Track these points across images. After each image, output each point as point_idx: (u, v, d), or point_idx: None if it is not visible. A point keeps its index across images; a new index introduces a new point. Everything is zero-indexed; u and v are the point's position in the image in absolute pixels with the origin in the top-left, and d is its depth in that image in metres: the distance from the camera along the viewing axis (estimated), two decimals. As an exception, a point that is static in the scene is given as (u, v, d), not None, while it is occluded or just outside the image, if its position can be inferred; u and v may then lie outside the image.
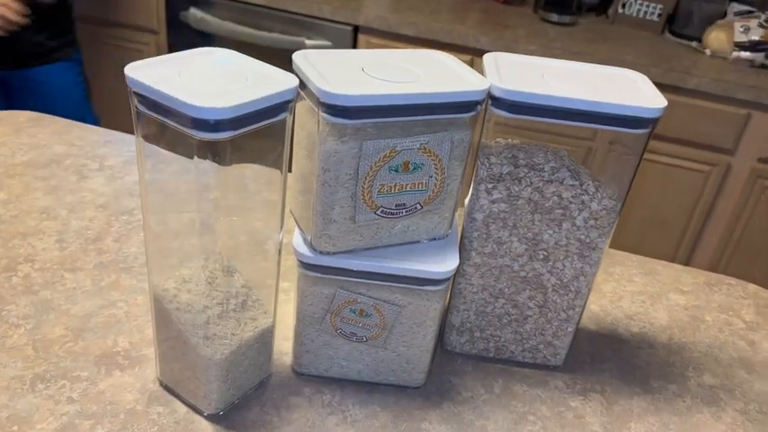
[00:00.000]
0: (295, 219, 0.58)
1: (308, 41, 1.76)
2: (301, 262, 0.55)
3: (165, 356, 0.57)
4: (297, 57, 0.52)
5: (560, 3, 1.84)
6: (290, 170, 0.54)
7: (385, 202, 0.53)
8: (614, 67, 0.60)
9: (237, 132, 0.44)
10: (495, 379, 0.65)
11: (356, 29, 1.77)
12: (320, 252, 0.54)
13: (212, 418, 0.56)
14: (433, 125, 0.51)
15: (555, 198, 0.56)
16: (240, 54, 0.51)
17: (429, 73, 0.53)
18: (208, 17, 1.80)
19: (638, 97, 0.53)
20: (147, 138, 0.48)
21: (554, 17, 1.84)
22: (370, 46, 1.76)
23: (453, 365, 0.66)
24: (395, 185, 0.52)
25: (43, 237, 0.75)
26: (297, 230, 0.57)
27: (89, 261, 0.73)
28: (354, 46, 1.79)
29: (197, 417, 0.56)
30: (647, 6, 1.83)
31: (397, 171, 0.52)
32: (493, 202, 0.57)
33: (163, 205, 0.53)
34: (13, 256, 0.72)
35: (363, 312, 0.57)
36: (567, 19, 1.83)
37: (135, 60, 0.46)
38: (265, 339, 0.58)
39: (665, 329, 0.74)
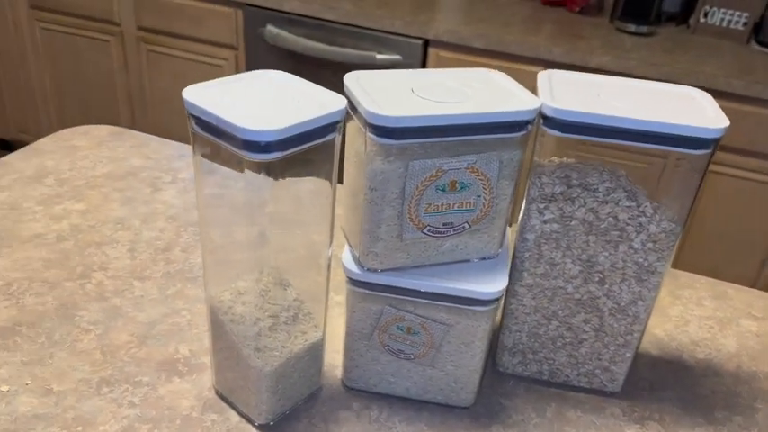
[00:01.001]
0: (345, 234, 0.59)
1: (378, 56, 1.78)
2: (350, 278, 0.56)
3: (220, 366, 0.60)
4: (348, 78, 0.53)
5: (638, 13, 1.79)
6: (340, 183, 0.55)
7: (432, 220, 0.53)
8: (676, 85, 0.58)
9: (286, 153, 0.46)
10: (548, 403, 0.63)
11: (427, 43, 1.77)
12: (367, 269, 0.55)
13: (263, 428, 0.58)
14: (481, 145, 0.51)
15: (610, 219, 0.55)
16: (293, 76, 0.52)
17: (479, 93, 0.53)
18: (283, 33, 1.85)
19: (698, 116, 0.51)
20: (203, 155, 0.50)
21: (631, 27, 1.78)
22: (440, 59, 1.77)
23: (505, 387, 0.65)
24: (442, 204, 0.52)
25: (117, 246, 0.79)
26: (346, 246, 0.58)
27: (157, 270, 0.76)
28: (424, 60, 1.79)
29: (248, 426, 0.58)
30: (732, 15, 1.75)
31: (444, 191, 0.52)
32: (545, 222, 0.56)
33: (220, 220, 0.55)
34: (89, 263, 0.76)
35: (411, 330, 0.57)
36: (644, 29, 1.78)
37: (216, 76, 0.49)
38: (315, 352, 0.59)
39: (734, 357, 0.71)
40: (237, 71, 2.00)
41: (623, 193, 0.54)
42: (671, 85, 0.58)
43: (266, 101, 0.49)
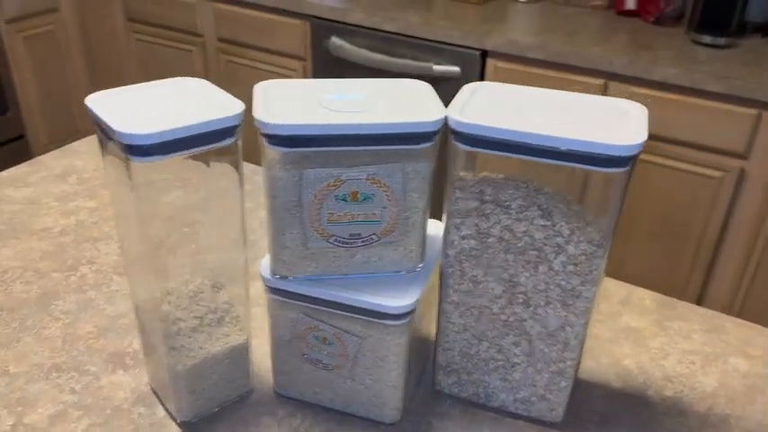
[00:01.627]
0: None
1: (435, 67, 1.77)
2: (266, 285, 0.56)
3: (150, 363, 0.62)
4: (257, 88, 0.53)
5: (716, 23, 1.66)
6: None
7: (337, 230, 0.53)
8: (613, 99, 0.54)
9: (169, 156, 0.47)
10: (480, 427, 0.60)
11: (485, 54, 1.75)
12: (278, 276, 0.55)
13: (184, 426, 0.60)
14: (383, 156, 0.50)
15: (527, 238, 0.52)
16: (208, 83, 0.54)
17: (388, 103, 0.52)
18: (345, 45, 1.89)
19: (614, 133, 0.48)
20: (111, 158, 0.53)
21: (706, 39, 1.66)
22: (497, 71, 1.73)
23: (440, 407, 0.63)
24: (345, 215, 0.52)
25: (110, 242, 0.84)
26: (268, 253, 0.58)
27: (140, 267, 0.80)
28: (483, 71, 1.77)
29: (171, 422, 0.60)
30: (823, 25, 1.60)
31: (345, 201, 0.51)
32: (463, 237, 0.54)
33: (133, 223, 0.57)
34: (79, 257, 0.81)
35: (326, 340, 0.57)
36: (721, 41, 1.65)
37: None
38: (237, 356, 0.60)
39: (709, 397, 0.64)
40: (306, 81, 2.06)
41: (537, 212, 0.51)
42: (608, 98, 0.54)
43: (167, 107, 0.50)
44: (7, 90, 2.32)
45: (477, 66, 1.76)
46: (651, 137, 0.48)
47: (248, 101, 0.51)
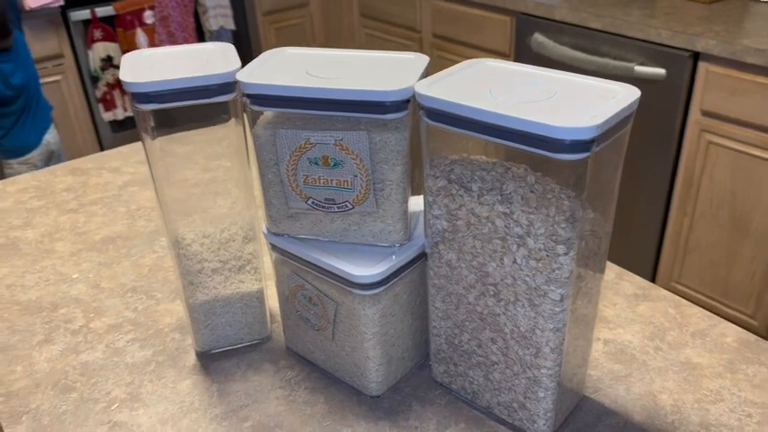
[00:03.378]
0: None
1: (637, 68, 1.63)
2: (266, 240, 0.61)
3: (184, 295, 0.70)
4: (266, 53, 0.57)
5: None
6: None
7: (313, 193, 0.55)
8: (609, 81, 0.47)
9: (165, 105, 0.54)
10: (458, 422, 0.58)
11: (696, 56, 1.56)
12: (270, 231, 0.59)
13: (200, 356, 0.66)
14: (352, 123, 0.51)
15: (490, 225, 0.49)
16: (231, 47, 0.59)
17: (367, 74, 0.52)
18: (547, 41, 1.83)
19: (577, 116, 0.42)
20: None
21: None
22: (709, 75, 1.54)
23: (429, 393, 0.61)
24: (319, 178, 0.54)
25: (227, 197, 0.95)
26: (274, 211, 0.62)
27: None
28: (693, 75, 1.58)
29: (191, 350, 0.67)
30: None
31: (317, 164, 0.53)
32: (436, 217, 0.52)
33: (174, 175, 0.65)
34: (197, 205, 0.93)
35: (311, 300, 0.59)
36: None
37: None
38: (249, 302, 0.65)
39: (745, 458, 0.53)
40: (509, 78, 2.04)
41: (497, 196, 0.47)
42: (602, 80, 0.47)
43: (183, 65, 0.57)
44: (257, 73, 2.68)
45: (686, 69, 1.59)
46: None
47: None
